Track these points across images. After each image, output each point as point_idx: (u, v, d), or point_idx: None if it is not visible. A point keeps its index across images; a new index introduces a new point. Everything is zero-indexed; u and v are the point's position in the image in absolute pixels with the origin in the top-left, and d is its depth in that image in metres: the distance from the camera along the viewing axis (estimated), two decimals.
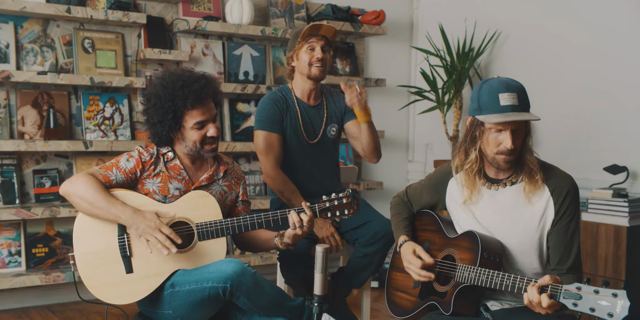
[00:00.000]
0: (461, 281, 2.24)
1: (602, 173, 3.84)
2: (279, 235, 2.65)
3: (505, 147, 2.20)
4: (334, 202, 2.58)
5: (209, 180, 2.68)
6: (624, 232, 3.47)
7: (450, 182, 2.48)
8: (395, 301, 2.57)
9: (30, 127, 3.94)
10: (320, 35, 3.18)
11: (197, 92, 2.52)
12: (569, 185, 2.26)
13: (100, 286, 2.47)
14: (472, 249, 2.25)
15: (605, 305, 1.81)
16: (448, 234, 2.43)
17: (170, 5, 4.35)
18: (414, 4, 5.30)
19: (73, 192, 2.47)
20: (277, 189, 3.18)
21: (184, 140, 2.59)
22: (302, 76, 3.23)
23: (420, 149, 5.26)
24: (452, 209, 2.48)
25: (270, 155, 3.17)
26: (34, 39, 3.98)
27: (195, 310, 2.40)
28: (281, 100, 3.23)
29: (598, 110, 4.02)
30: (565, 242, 2.23)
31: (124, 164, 2.58)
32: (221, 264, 2.37)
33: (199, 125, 2.56)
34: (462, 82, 4.56)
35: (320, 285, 2.00)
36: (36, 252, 3.97)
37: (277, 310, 2.45)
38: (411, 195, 2.66)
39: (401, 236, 2.54)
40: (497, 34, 4.61)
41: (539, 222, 2.27)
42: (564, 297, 1.91)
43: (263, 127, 3.19)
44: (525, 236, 2.28)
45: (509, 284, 2.10)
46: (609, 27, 3.95)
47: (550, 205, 2.25)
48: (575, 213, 2.25)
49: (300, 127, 3.24)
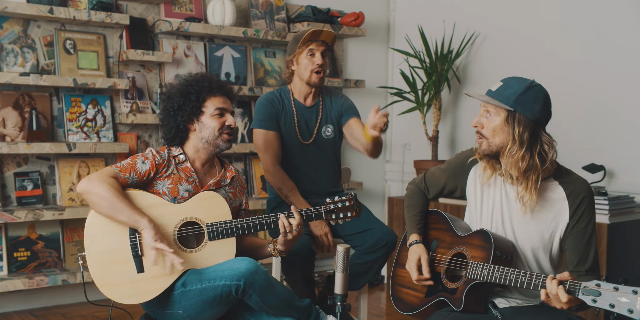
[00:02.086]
0: (473, 278, 2.29)
1: (581, 172, 3.95)
2: (272, 242, 2.69)
3: (473, 124, 2.35)
4: (338, 205, 2.63)
5: (216, 185, 2.71)
6: (605, 229, 3.57)
7: (473, 169, 2.52)
8: (402, 297, 2.60)
9: (12, 129, 3.87)
10: (321, 40, 3.22)
11: (219, 82, 2.70)
12: (586, 190, 2.33)
13: (111, 286, 2.46)
14: (484, 246, 2.31)
15: (625, 302, 1.87)
16: (458, 232, 2.48)
17: (152, 6, 4.32)
18: (391, 6, 5.37)
19: (94, 190, 2.45)
20: (277, 185, 3.23)
21: (202, 129, 2.65)
22: (301, 81, 3.28)
23: (398, 150, 5.32)
24: (470, 194, 2.52)
25: (269, 152, 3.22)
26: (14, 40, 3.91)
27: (206, 310, 2.41)
28: (277, 100, 3.29)
29: (575, 111, 4.12)
30: (583, 245, 2.29)
31: (140, 166, 2.59)
32: (234, 262, 2.38)
33: (219, 111, 2.65)
34: (441, 83, 4.64)
35: (341, 285, 2.03)
36: (18, 256, 3.90)
37: (287, 310, 2.47)
38: (429, 180, 2.68)
39: (413, 234, 2.58)
40: (475, 35, 4.70)
41: (551, 221, 2.33)
42: (583, 294, 1.96)
43: (261, 126, 3.25)
44: (534, 232, 2.34)
45: (524, 281, 2.15)
46: (585, 29, 4.06)
47: (564, 206, 2.32)
48: (592, 216, 2.32)
49: (295, 127, 3.29)
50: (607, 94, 3.97)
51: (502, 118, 2.28)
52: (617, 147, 3.92)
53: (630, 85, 3.86)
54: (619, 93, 3.92)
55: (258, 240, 2.80)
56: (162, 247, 2.39)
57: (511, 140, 2.27)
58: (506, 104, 2.25)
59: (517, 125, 2.26)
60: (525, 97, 2.26)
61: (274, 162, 3.22)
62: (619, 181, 3.92)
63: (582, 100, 4.09)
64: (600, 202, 3.61)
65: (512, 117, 2.27)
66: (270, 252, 2.70)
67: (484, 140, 2.32)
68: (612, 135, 3.95)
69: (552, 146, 2.32)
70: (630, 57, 3.86)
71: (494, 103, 2.26)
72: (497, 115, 2.29)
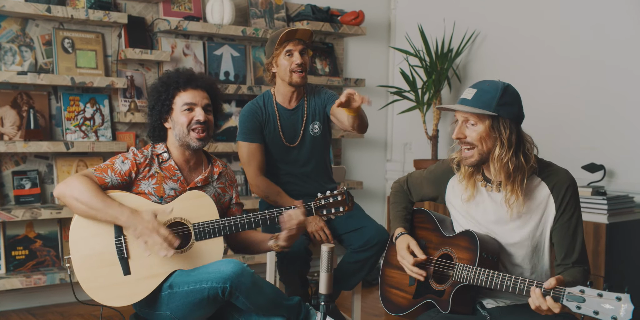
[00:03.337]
0: (460, 280, 2.28)
1: (579, 171, 3.92)
2: (274, 237, 2.65)
3: (455, 137, 2.29)
4: (329, 200, 2.62)
5: (204, 181, 2.69)
6: (604, 229, 3.55)
7: (451, 180, 2.51)
8: (390, 298, 2.59)
9: (10, 128, 3.89)
10: (297, 39, 3.20)
11: (188, 76, 2.64)
12: (568, 180, 2.30)
13: (97, 288, 2.45)
14: (470, 248, 2.29)
15: (609, 309, 1.84)
16: (445, 232, 2.46)
17: (150, 5, 4.32)
18: (392, 5, 5.34)
19: (69, 193, 2.45)
20: (263, 195, 3.25)
21: (174, 127, 2.62)
22: (283, 82, 3.26)
23: (399, 149, 5.30)
24: (452, 207, 2.51)
25: (252, 164, 3.24)
26: (12, 39, 3.92)
27: (194, 311, 2.40)
28: (260, 110, 3.28)
29: (575, 110, 4.09)
30: (569, 236, 2.27)
31: (119, 166, 2.57)
32: (220, 264, 2.37)
33: (187, 106, 2.60)
34: (441, 82, 4.61)
35: (326, 284, 2.02)
36: (16, 255, 3.91)
37: (275, 309, 2.46)
38: (412, 184, 2.69)
39: (398, 228, 2.58)
40: (475, 34, 4.67)
41: (538, 221, 2.30)
42: (568, 300, 1.94)
43: (244, 139, 3.26)
44: (525, 236, 2.31)
45: (509, 285, 2.13)
46: (586, 28, 4.03)
47: (550, 202, 2.29)
48: (576, 207, 2.29)
49: (279, 132, 3.28)
50: (608, 93, 3.94)
51: (487, 125, 2.24)
52: (618, 147, 3.89)
53: (630, 84, 3.83)
54: (619, 92, 3.88)
55: (258, 235, 2.77)
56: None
57: (499, 145, 2.25)
58: (489, 110, 2.23)
59: (503, 129, 2.25)
60: (505, 100, 2.24)
61: (256, 173, 3.23)
62: (619, 181, 3.88)
63: (582, 100, 4.06)
64: (599, 202, 3.59)
65: (497, 122, 2.25)
66: (271, 247, 2.66)
67: (474, 150, 2.28)
68: (612, 135, 3.92)
69: (532, 143, 2.33)
70: (631, 57, 3.83)
71: (478, 112, 2.22)
72: (481, 122, 2.25)
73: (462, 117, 2.28)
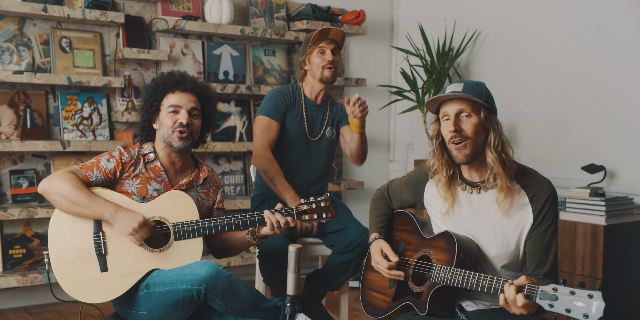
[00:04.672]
0: (437, 282, 2.24)
1: (580, 172, 3.87)
2: (250, 231, 2.61)
3: (449, 131, 2.23)
4: (312, 206, 2.60)
5: (188, 185, 2.69)
6: (601, 231, 3.49)
7: (427, 185, 2.49)
8: (370, 301, 2.56)
9: (7, 127, 3.90)
10: (330, 38, 3.31)
11: (178, 79, 2.65)
12: (549, 191, 2.26)
13: (74, 284, 2.46)
14: (448, 249, 2.25)
15: (580, 306, 1.81)
16: (424, 234, 2.43)
17: (149, 5, 4.32)
18: (394, 4, 5.31)
19: (54, 190, 2.46)
20: (263, 168, 3.25)
21: (160, 128, 2.64)
22: (314, 79, 3.35)
23: (401, 149, 5.26)
24: (430, 213, 2.49)
25: (264, 137, 3.26)
26: (10, 38, 3.93)
27: (170, 312, 2.39)
28: (289, 94, 3.35)
29: (575, 110, 4.04)
30: (543, 248, 2.23)
31: (105, 164, 2.58)
32: (195, 267, 2.36)
33: (173, 108, 2.61)
34: (442, 82, 4.57)
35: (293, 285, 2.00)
36: (13, 254, 3.93)
37: (253, 311, 2.44)
38: (392, 191, 2.68)
39: (373, 233, 2.56)
40: (476, 33, 4.63)
41: (515, 228, 2.26)
42: (540, 298, 1.91)
43: (266, 114, 3.30)
44: (502, 242, 2.27)
45: (485, 285, 2.10)
46: (586, 27, 3.98)
47: (528, 211, 2.25)
48: (554, 219, 2.25)
49: (304, 122, 3.35)
50: (608, 94, 3.89)
51: (482, 115, 2.23)
52: (618, 147, 3.83)
53: (631, 84, 3.78)
54: (620, 92, 3.83)
55: (237, 233, 2.73)
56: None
57: (493, 134, 2.24)
58: (481, 99, 2.22)
59: (494, 120, 2.26)
60: (489, 94, 2.29)
61: (266, 146, 3.25)
62: (620, 182, 3.83)
63: (582, 100, 4.01)
64: (597, 203, 3.53)
65: (489, 112, 2.26)
66: (249, 241, 2.63)
67: (468, 142, 2.24)
68: (612, 135, 3.86)
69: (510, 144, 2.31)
70: (632, 57, 3.78)
71: (474, 99, 2.20)
72: (475, 113, 2.23)
73: (454, 111, 2.24)
